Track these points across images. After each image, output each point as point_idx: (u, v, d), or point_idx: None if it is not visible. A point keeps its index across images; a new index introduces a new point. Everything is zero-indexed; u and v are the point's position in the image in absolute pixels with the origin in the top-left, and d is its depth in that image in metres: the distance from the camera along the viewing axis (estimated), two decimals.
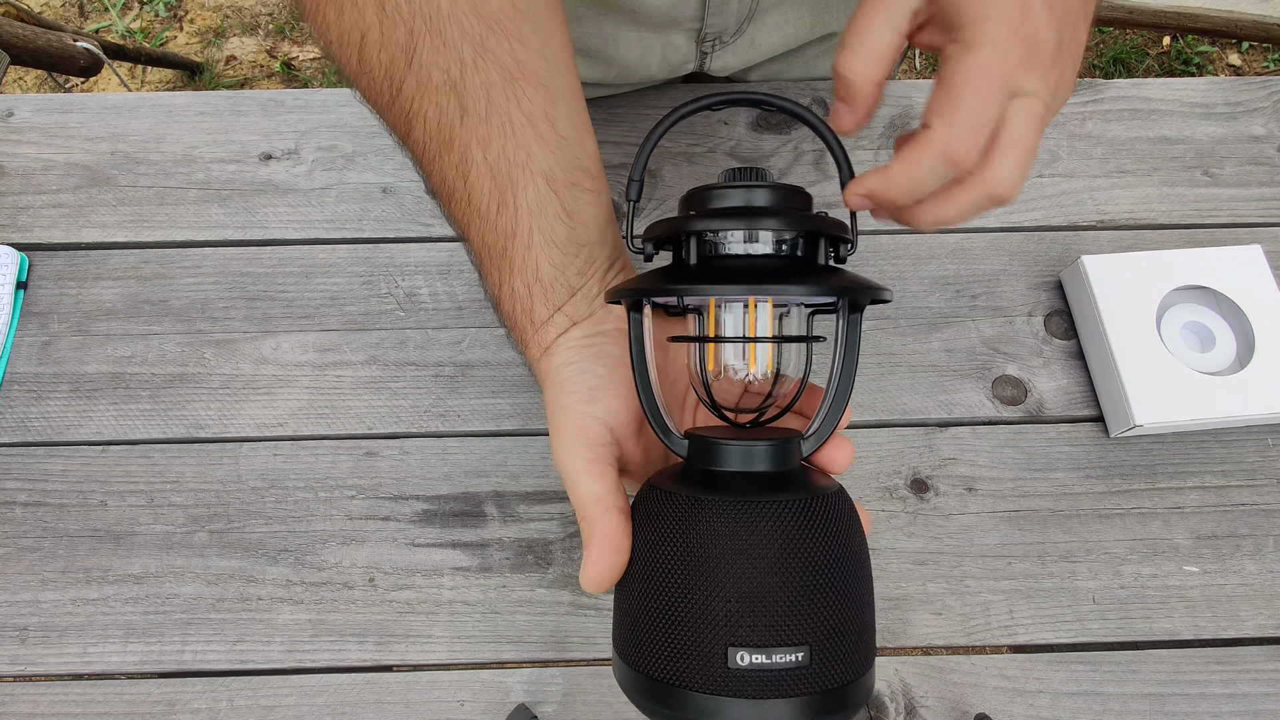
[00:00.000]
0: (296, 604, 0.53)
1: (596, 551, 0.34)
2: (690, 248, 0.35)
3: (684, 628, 0.31)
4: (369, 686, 0.52)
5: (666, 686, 0.32)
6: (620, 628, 0.35)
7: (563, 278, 0.39)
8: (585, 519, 0.35)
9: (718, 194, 0.35)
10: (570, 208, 0.38)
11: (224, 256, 0.63)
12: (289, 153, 0.66)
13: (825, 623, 0.31)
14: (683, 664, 0.31)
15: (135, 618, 0.53)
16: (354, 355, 0.60)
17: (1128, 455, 0.57)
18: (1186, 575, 0.54)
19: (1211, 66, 1.81)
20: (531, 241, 0.38)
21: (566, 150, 0.38)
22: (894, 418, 0.58)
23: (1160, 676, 0.52)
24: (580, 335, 0.39)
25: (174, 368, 0.59)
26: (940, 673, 0.52)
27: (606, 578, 0.34)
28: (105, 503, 0.56)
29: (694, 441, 0.36)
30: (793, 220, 0.34)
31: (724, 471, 0.34)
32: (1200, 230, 0.64)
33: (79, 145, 0.66)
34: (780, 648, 0.30)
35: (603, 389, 0.38)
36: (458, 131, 0.36)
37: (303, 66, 1.80)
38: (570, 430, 0.37)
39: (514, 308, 0.40)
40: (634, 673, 0.33)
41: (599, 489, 0.35)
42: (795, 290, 0.33)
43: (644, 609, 0.33)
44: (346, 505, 0.56)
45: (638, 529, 0.34)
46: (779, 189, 0.35)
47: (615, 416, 0.38)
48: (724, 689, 0.30)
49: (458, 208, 0.39)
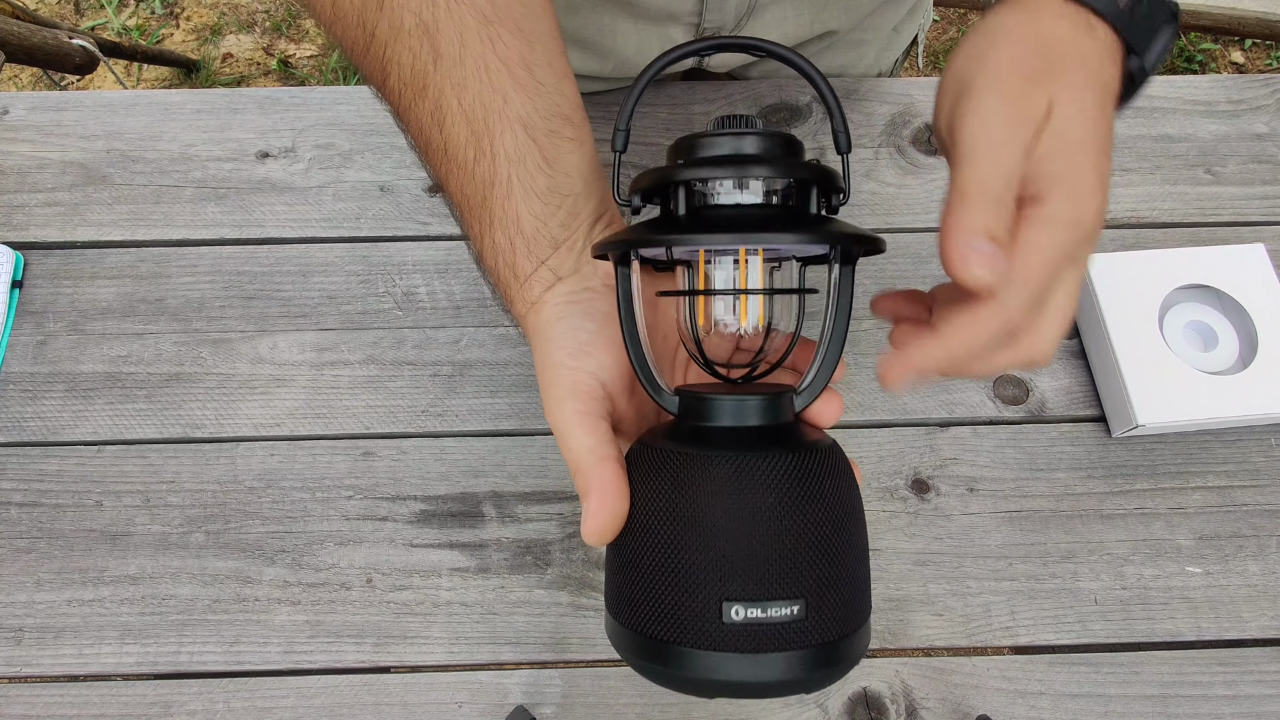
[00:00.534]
0: (293, 605, 0.53)
1: (596, 502, 0.33)
2: (678, 198, 0.34)
3: (677, 583, 0.31)
4: (366, 688, 0.51)
5: (660, 643, 0.32)
6: (613, 586, 0.35)
7: (545, 230, 0.38)
8: (580, 471, 0.34)
9: (706, 142, 0.34)
10: (550, 156, 0.37)
11: (220, 255, 0.63)
12: (286, 151, 0.66)
13: (820, 576, 0.31)
14: (676, 620, 0.31)
15: (131, 619, 0.53)
16: (351, 355, 0.60)
17: (1130, 455, 0.57)
18: (1189, 576, 0.54)
19: (1214, 64, 1.80)
20: (511, 191, 0.37)
21: (545, 97, 0.37)
22: (894, 417, 0.58)
23: (1163, 678, 0.52)
24: (567, 291, 0.38)
25: (170, 367, 0.59)
26: (941, 674, 0.52)
27: (609, 527, 0.33)
28: (101, 503, 0.56)
29: (685, 398, 0.35)
30: (784, 168, 0.33)
31: (716, 427, 0.34)
32: (1203, 229, 0.64)
33: (74, 143, 0.66)
34: (775, 601, 0.30)
35: (592, 344, 0.37)
36: (431, 77, 0.36)
37: (300, 64, 1.80)
38: (561, 386, 0.36)
39: (496, 261, 0.39)
40: (627, 631, 0.33)
41: (591, 440, 0.35)
42: (786, 238, 0.32)
43: (636, 566, 0.33)
44: (344, 505, 0.56)
45: (630, 484, 0.34)
46: (770, 136, 0.34)
47: (606, 371, 0.37)
48: (718, 644, 0.30)
49: (435, 157, 0.38)
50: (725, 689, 0.31)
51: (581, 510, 0.34)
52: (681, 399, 0.35)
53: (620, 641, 0.34)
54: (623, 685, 0.51)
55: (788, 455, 0.32)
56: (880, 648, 0.52)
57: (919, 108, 0.68)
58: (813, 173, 0.33)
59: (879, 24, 0.69)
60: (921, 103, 0.68)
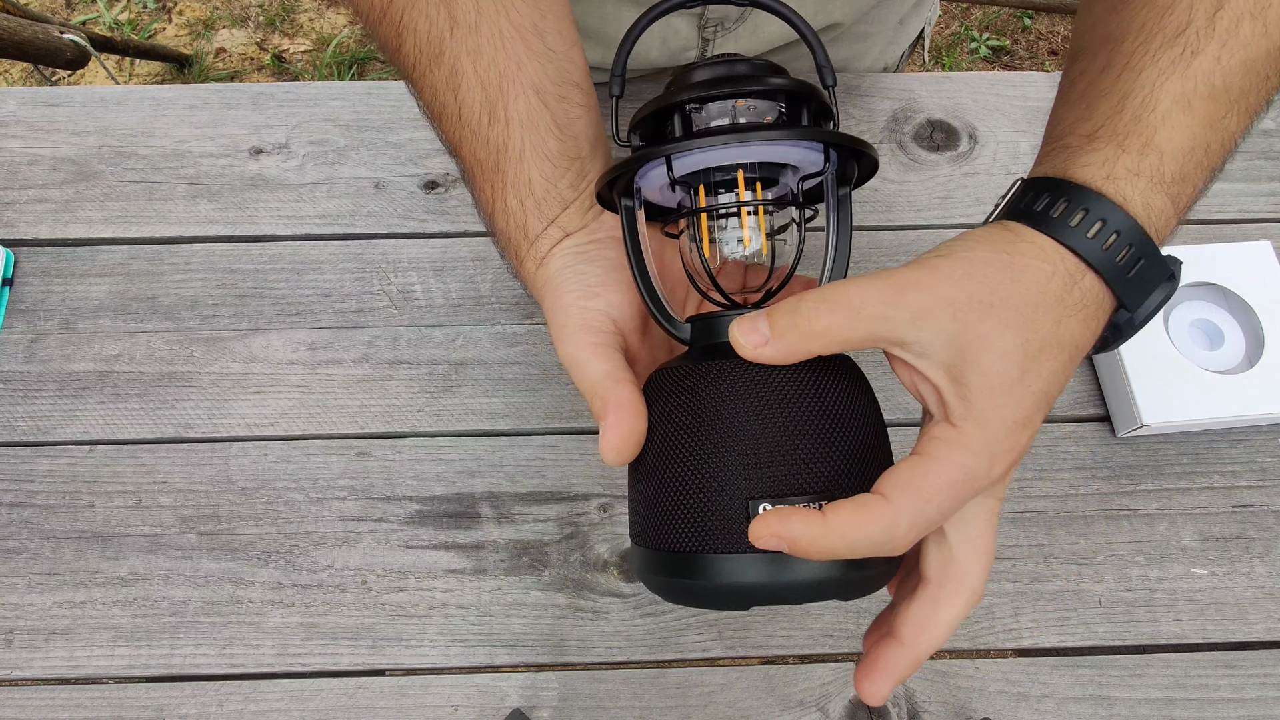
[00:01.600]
0: (287, 607, 0.53)
1: (613, 417, 0.34)
2: (675, 123, 0.35)
3: (702, 490, 0.31)
4: (361, 691, 0.51)
5: (687, 555, 0.32)
6: (637, 513, 0.35)
7: (555, 190, 0.39)
8: (596, 394, 0.35)
9: (699, 71, 0.36)
10: (561, 121, 0.39)
11: (213, 253, 0.63)
12: (279, 147, 0.66)
13: (846, 469, 0.31)
14: (703, 527, 0.31)
15: (123, 621, 0.53)
16: (346, 353, 0.60)
17: (1134, 455, 0.57)
18: (1194, 578, 0.54)
19: None
20: (523, 154, 0.39)
21: (556, 63, 0.39)
22: (896, 417, 0.58)
23: (1167, 681, 0.52)
24: (574, 244, 0.40)
25: (162, 366, 0.59)
26: (944, 677, 0.52)
27: (627, 443, 0.34)
28: (92, 504, 0.56)
29: (696, 322, 0.36)
30: (774, 85, 0.34)
31: (728, 342, 0.34)
32: (1208, 226, 0.64)
33: (65, 139, 0.66)
34: (802, 495, 0.30)
35: (601, 286, 0.38)
36: (448, 43, 0.37)
37: (294, 59, 1.80)
38: (573, 323, 0.38)
39: (507, 223, 0.40)
40: (653, 552, 0.33)
41: (606, 365, 0.36)
42: (778, 135, 0.33)
43: (659, 482, 0.33)
44: (338, 506, 0.56)
45: (649, 411, 0.34)
46: (760, 63, 0.36)
47: (618, 310, 0.38)
48: (747, 545, 0.30)
49: (449, 123, 0.39)
50: (756, 594, 0.31)
51: (600, 431, 0.34)
52: (693, 324, 0.36)
53: (647, 566, 0.34)
54: (621, 688, 0.52)
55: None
56: None
57: (921, 104, 0.67)
58: (802, 89, 0.35)
59: (884, 16, 0.69)
60: (924, 98, 0.68)
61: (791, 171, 0.37)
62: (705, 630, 0.53)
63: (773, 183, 0.37)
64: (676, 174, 0.35)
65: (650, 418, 0.34)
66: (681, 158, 0.34)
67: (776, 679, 0.52)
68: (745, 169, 0.36)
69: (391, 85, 0.68)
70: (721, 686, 0.52)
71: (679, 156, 0.34)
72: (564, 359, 0.38)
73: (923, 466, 0.30)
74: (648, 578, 0.35)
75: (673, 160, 0.34)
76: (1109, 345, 0.36)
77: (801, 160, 0.36)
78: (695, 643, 0.53)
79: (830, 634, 0.53)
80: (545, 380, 0.59)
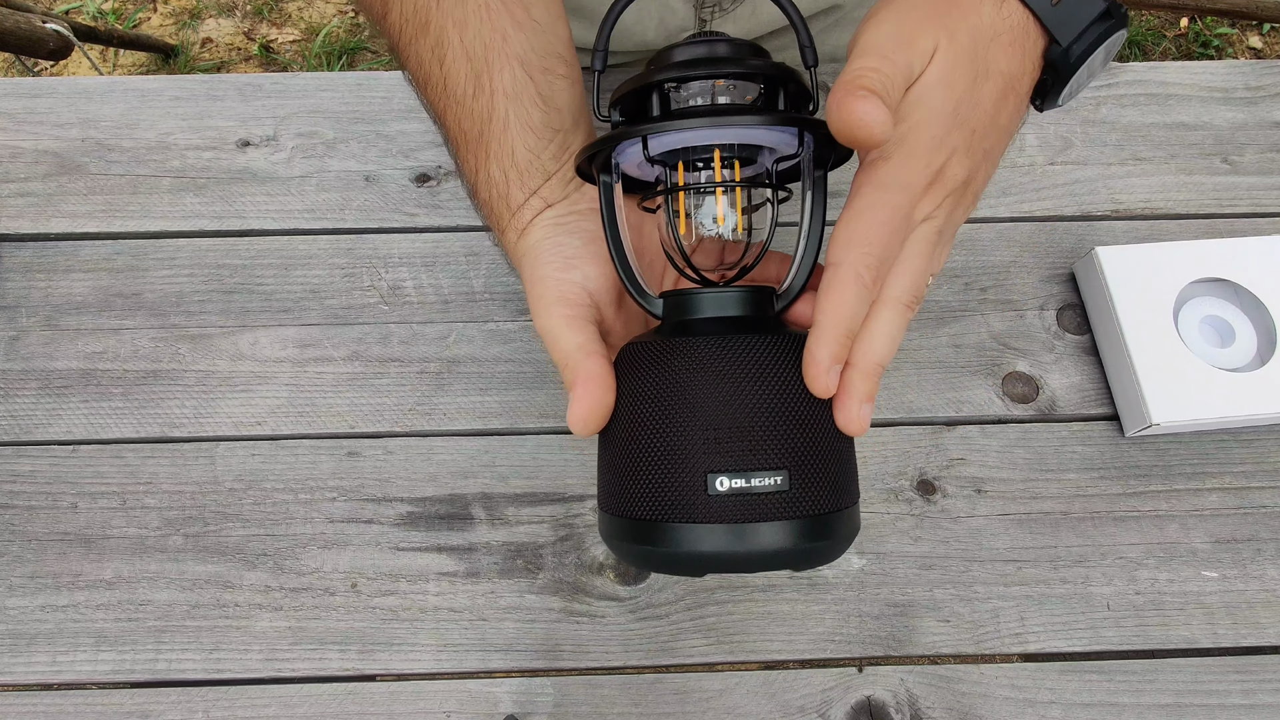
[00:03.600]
0: (275, 611, 0.53)
1: (582, 389, 0.36)
2: (653, 102, 0.37)
3: (664, 462, 0.33)
4: (351, 697, 0.51)
5: (649, 523, 0.34)
6: (603, 481, 0.37)
7: (538, 162, 0.41)
8: (567, 366, 0.37)
9: (679, 50, 0.37)
10: (545, 93, 0.40)
11: (199, 248, 0.63)
12: (267, 139, 0.66)
13: (804, 448, 0.33)
14: (664, 497, 0.33)
15: (107, 625, 0.53)
16: (335, 351, 0.60)
17: (1144, 455, 0.57)
18: (1205, 581, 0.54)
19: (1231, 49, 1.81)
20: (508, 125, 0.40)
21: (541, 35, 0.40)
22: (899, 416, 0.58)
23: (1177, 686, 0.52)
24: (554, 215, 0.41)
25: (147, 364, 0.59)
26: (948, 683, 0.52)
27: (594, 415, 0.36)
28: (75, 505, 0.56)
29: (669, 298, 0.38)
30: (753, 66, 0.36)
31: (700, 319, 0.36)
32: (1220, 220, 0.64)
33: (48, 131, 0.66)
34: (759, 471, 0.32)
35: (579, 258, 0.40)
36: (434, 14, 0.38)
37: (282, 49, 1.80)
38: (549, 295, 0.39)
39: (490, 194, 0.42)
40: (617, 519, 0.35)
41: (580, 338, 0.38)
42: (754, 120, 0.34)
43: (625, 452, 0.35)
44: (327, 507, 0.56)
45: (618, 383, 0.36)
46: (741, 43, 0.37)
47: (594, 282, 0.40)
48: (705, 516, 0.32)
49: (434, 93, 0.41)
50: (711, 562, 0.33)
51: (569, 402, 0.36)
52: (666, 300, 0.38)
53: (611, 531, 0.36)
54: (617, 694, 0.51)
55: (770, 336, 0.34)
56: (884, 655, 0.52)
57: None
58: (781, 72, 0.36)
59: None
60: None
61: (768, 152, 0.38)
62: (703, 635, 0.53)
63: (750, 160, 0.39)
64: (653, 152, 0.36)
65: (620, 390, 0.36)
66: (658, 137, 0.36)
67: (776, 684, 0.52)
68: (722, 149, 0.37)
69: (382, 76, 0.68)
70: (720, 692, 0.52)
71: (655, 136, 0.35)
72: (539, 329, 0.39)
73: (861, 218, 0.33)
74: (612, 542, 0.36)
75: (649, 139, 0.35)
76: (1049, 92, 0.38)
77: (778, 143, 0.37)
78: (693, 647, 0.53)
79: (831, 638, 0.53)
80: (540, 378, 0.59)
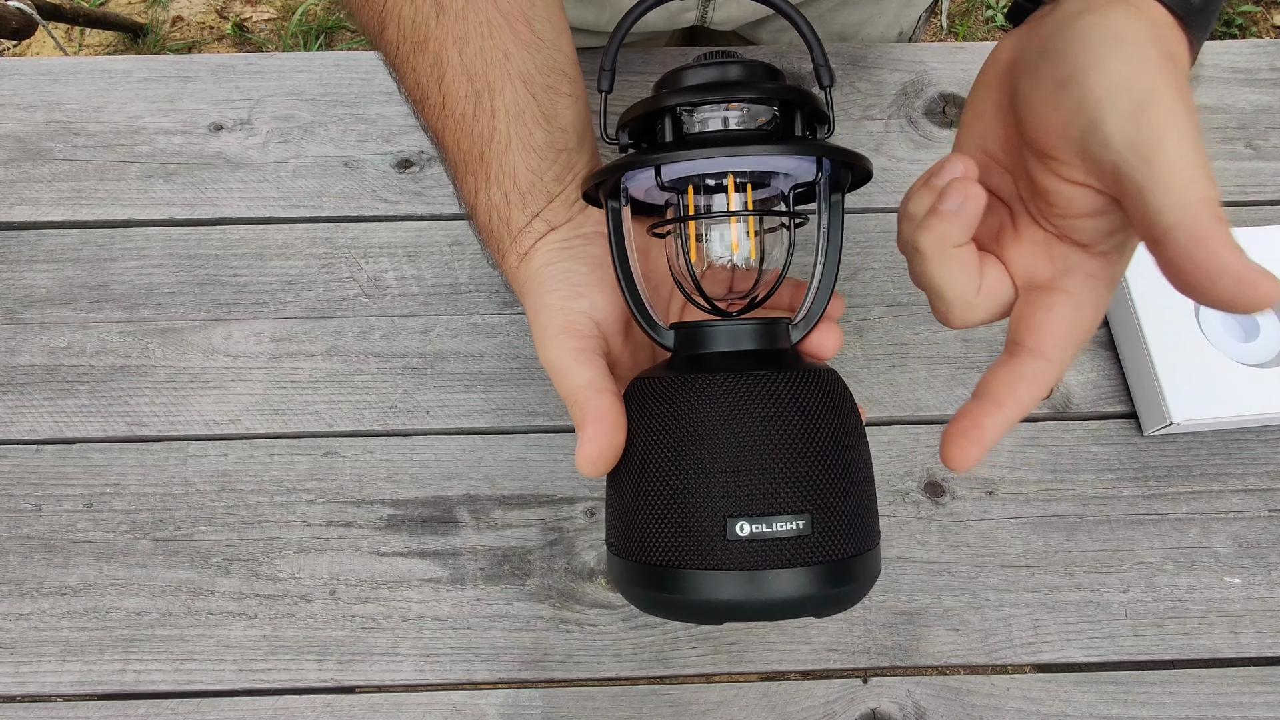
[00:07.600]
0: (250, 619, 0.53)
1: (592, 429, 0.35)
2: (665, 127, 0.36)
3: (680, 505, 0.33)
4: (329, 709, 0.51)
5: (664, 569, 0.33)
6: (614, 523, 0.36)
7: (540, 184, 0.41)
8: (577, 404, 0.37)
9: (691, 72, 0.37)
10: (548, 111, 0.40)
11: (170, 237, 0.62)
12: (241, 123, 0.66)
13: (825, 491, 0.33)
14: (680, 543, 0.33)
15: (72, 634, 0.53)
16: (313, 345, 0.59)
17: (1163, 455, 0.57)
18: (1228, 587, 0.54)
19: (1255, 28, 1.80)
20: (509, 146, 0.40)
21: (544, 52, 0.39)
22: (906, 414, 0.58)
23: (1199, 698, 0.52)
24: (559, 239, 0.41)
25: (115, 359, 0.59)
26: (957, 694, 0.52)
27: (604, 456, 0.36)
28: (39, 508, 0.55)
29: (680, 330, 0.37)
30: (767, 90, 0.36)
31: (713, 353, 0.36)
32: (1243, 208, 0.64)
33: (10, 115, 0.66)
34: (780, 516, 0.32)
35: (585, 285, 0.40)
36: (433, 30, 0.38)
37: (256, 28, 1.79)
38: (555, 326, 0.39)
39: (490, 216, 0.41)
40: (630, 564, 0.35)
41: (589, 374, 0.37)
42: (770, 149, 0.34)
43: (638, 495, 0.34)
44: (305, 510, 0.55)
45: (629, 420, 0.36)
46: (754, 64, 0.37)
47: (600, 311, 0.40)
48: (723, 562, 0.32)
49: (432, 112, 0.40)
50: (730, 611, 0.33)
51: (578, 442, 0.36)
52: (678, 332, 0.37)
53: (622, 575, 0.36)
54: (609, 707, 0.51)
55: (787, 372, 0.34)
56: (891, 665, 0.52)
57: (933, 76, 0.67)
58: (797, 95, 0.36)
59: None
60: (936, 70, 0.67)
61: (783, 177, 0.38)
62: (700, 644, 0.53)
63: (764, 184, 0.39)
64: (665, 179, 0.36)
65: (630, 428, 0.36)
66: (671, 165, 0.35)
67: (776, 696, 0.52)
68: (736, 174, 0.37)
69: (362, 57, 0.68)
70: (718, 705, 0.52)
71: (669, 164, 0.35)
72: (545, 363, 0.39)
73: (1080, 316, 0.33)
74: (623, 587, 0.36)
75: (661, 167, 0.35)
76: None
77: (794, 169, 0.37)
78: (689, 657, 0.52)
79: (834, 648, 0.53)
80: (527, 374, 0.59)
